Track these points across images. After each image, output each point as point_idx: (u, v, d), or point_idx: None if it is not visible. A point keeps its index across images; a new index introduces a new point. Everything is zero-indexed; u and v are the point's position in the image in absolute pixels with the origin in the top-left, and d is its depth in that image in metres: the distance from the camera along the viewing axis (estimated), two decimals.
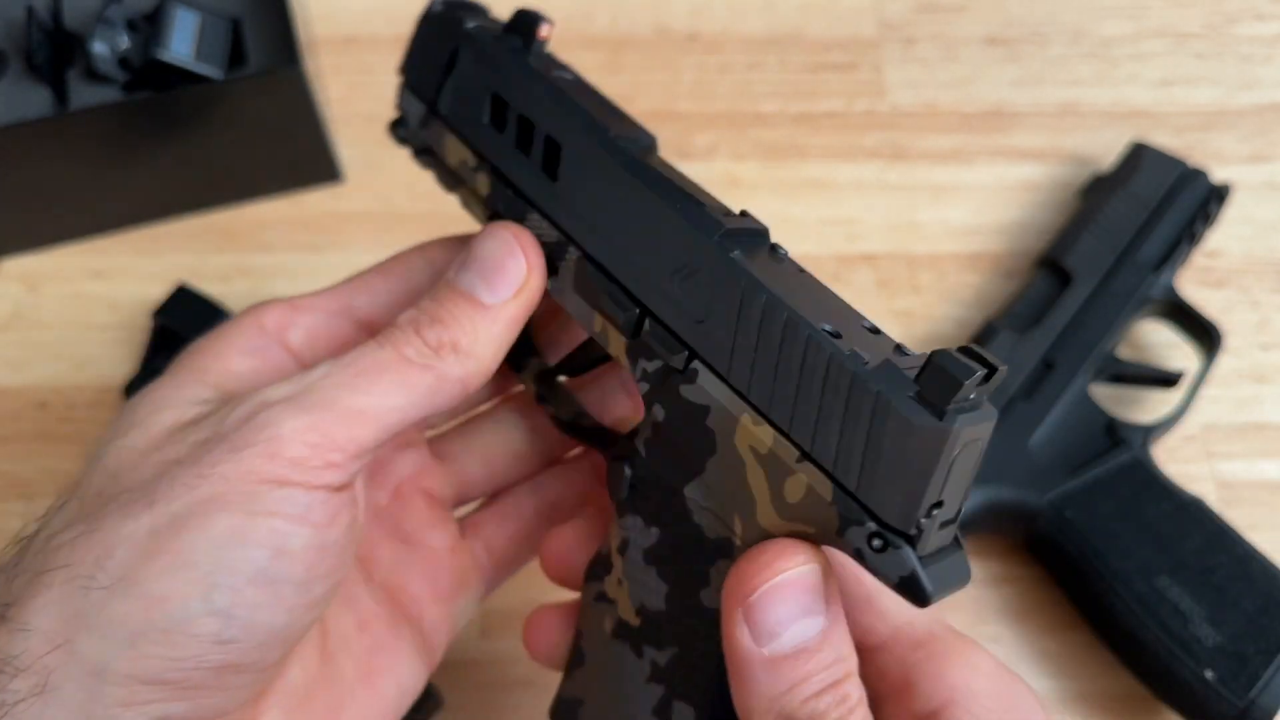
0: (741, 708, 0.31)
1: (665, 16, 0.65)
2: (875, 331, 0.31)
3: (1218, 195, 0.56)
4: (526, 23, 0.36)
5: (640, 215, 0.33)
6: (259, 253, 0.58)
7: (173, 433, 0.32)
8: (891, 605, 0.34)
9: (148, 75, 0.53)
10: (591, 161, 0.34)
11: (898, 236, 0.59)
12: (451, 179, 0.38)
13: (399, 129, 0.39)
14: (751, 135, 0.62)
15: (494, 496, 0.42)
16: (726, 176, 0.60)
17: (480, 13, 0.38)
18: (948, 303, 0.57)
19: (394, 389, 0.32)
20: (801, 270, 0.33)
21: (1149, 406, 0.54)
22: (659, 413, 0.33)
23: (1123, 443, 0.50)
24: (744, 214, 0.33)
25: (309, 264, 0.57)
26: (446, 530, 0.40)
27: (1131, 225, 0.55)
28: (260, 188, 0.59)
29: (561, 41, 0.64)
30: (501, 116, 0.36)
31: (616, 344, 0.34)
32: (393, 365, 0.32)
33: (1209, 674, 0.44)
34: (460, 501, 0.41)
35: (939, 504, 0.28)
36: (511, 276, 0.34)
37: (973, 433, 0.28)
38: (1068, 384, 0.51)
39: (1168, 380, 0.53)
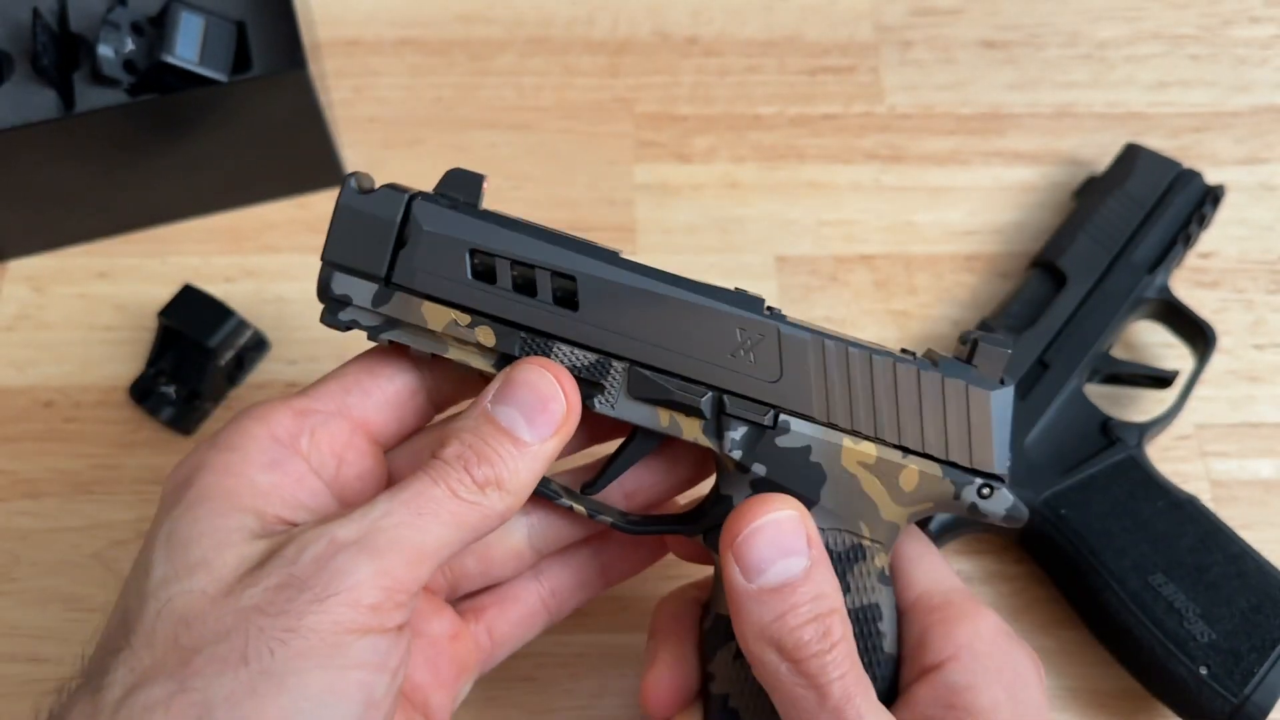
0: (738, 637, 0.35)
1: (665, 20, 0.66)
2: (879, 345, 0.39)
3: (1213, 196, 0.56)
4: (467, 181, 0.38)
5: (681, 314, 0.37)
6: (264, 254, 0.58)
7: (241, 576, 0.32)
8: (916, 576, 0.39)
9: (153, 78, 0.53)
10: (611, 283, 0.37)
11: (895, 238, 0.59)
12: (435, 343, 0.38)
13: (338, 316, 0.38)
14: (750, 138, 0.62)
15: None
16: (725, 179, 0.61)
17: (397, 185, 0.38)
18: (944, 303, 0.58)
19: (450, 527, 0.34)
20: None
21: (1144, 406, 0.55)
22: (760, 469, 0.38)
23: (1118, 442, 0.50)
24: (739, 290, 0.38)
25: (313, 265, 0.57)
26: (444, 618, 0.40)
27: (1127, 226, 0.55)
28: (265, 191, 0.59)
29: (562, 45, 0.65)
30: (488, 268, 0.37)
31: (691, 429, 0.38)
32: (448, 504, 0.34)
33: (1204, 670, 0.45)
34: (454, 593, 0.42)
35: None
36: (552, 416, 0.36)
37: None
38: (1063, 384, 0.51)
39: (1162, 380, 0.53)
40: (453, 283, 0.37)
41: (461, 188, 0.38)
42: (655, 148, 0.62)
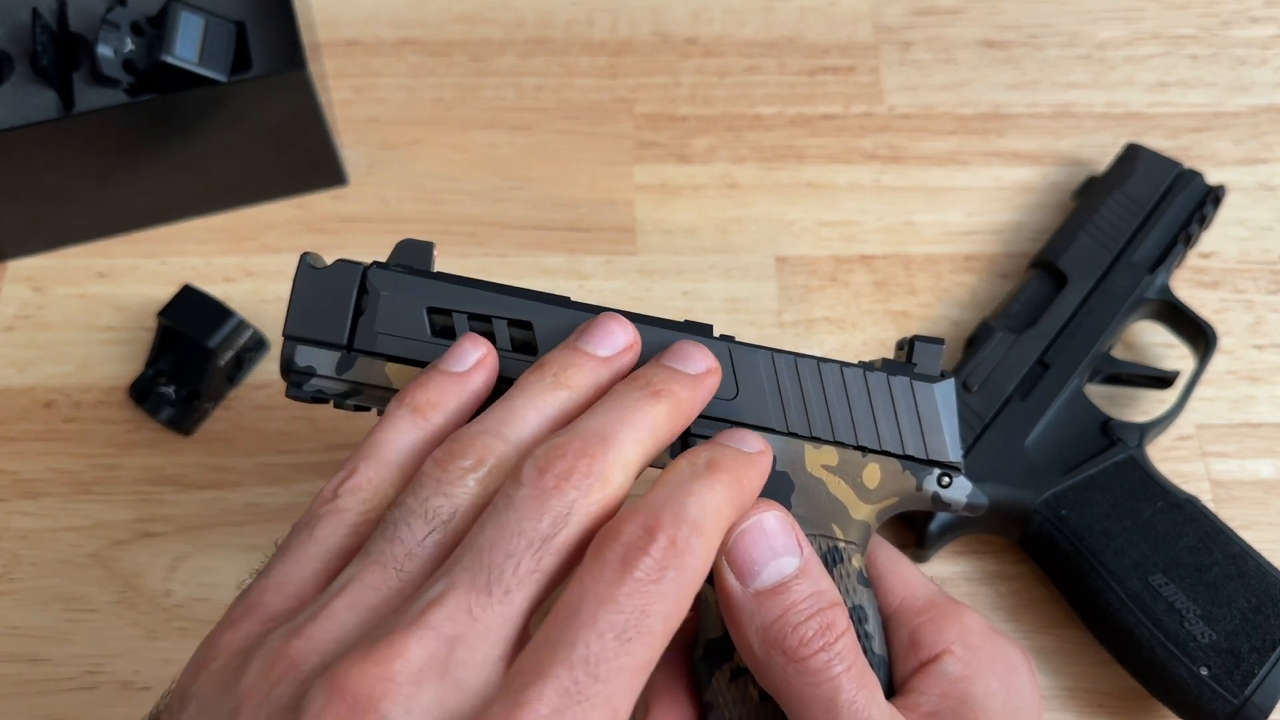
0: (740, 646, 0.35)
1: (665, 21, 0.66)
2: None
3: (1213, 197, 0.56)
4: (418, 249, 0.40)
5: None
6: (264, 254, 0.58)
7: None
8: (895, 584, 0.40)
9: (152, 78, 0.53)
10: (567, 324, 0.39)
11: (894, 238, 0.59)
12: None
13: (303, 388, 0.39)
14: (750, 138, 0.62)
15: None
16: (725, 179, 0.61)
17: (349, 259, 0.40)
18: (943, 303, 0.58)
19: None
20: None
21: (1144, 406, 0.55)
22: None
23: (1118, 442, 0.50)
24: (688, 320, 0.40)
25: None
26: None
27: (1127, 226, 0.55)
28: (265, 191, 0.59)
29: (562, 46, 0.65)
30: (446, 325, 0.39)
31: (659, 455, 0.38)
32: None
33: (1204, 671, 0.45)
34: None
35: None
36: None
37: None
38: (1063, 384, 0.51)
39: (1163, 380, 0.53)
40: (414, 342, 0.39)
41: (413, 256, 0.40)
42: (655, 148, 0.62)
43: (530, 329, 0.39)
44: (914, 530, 0.50)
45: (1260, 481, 0.53)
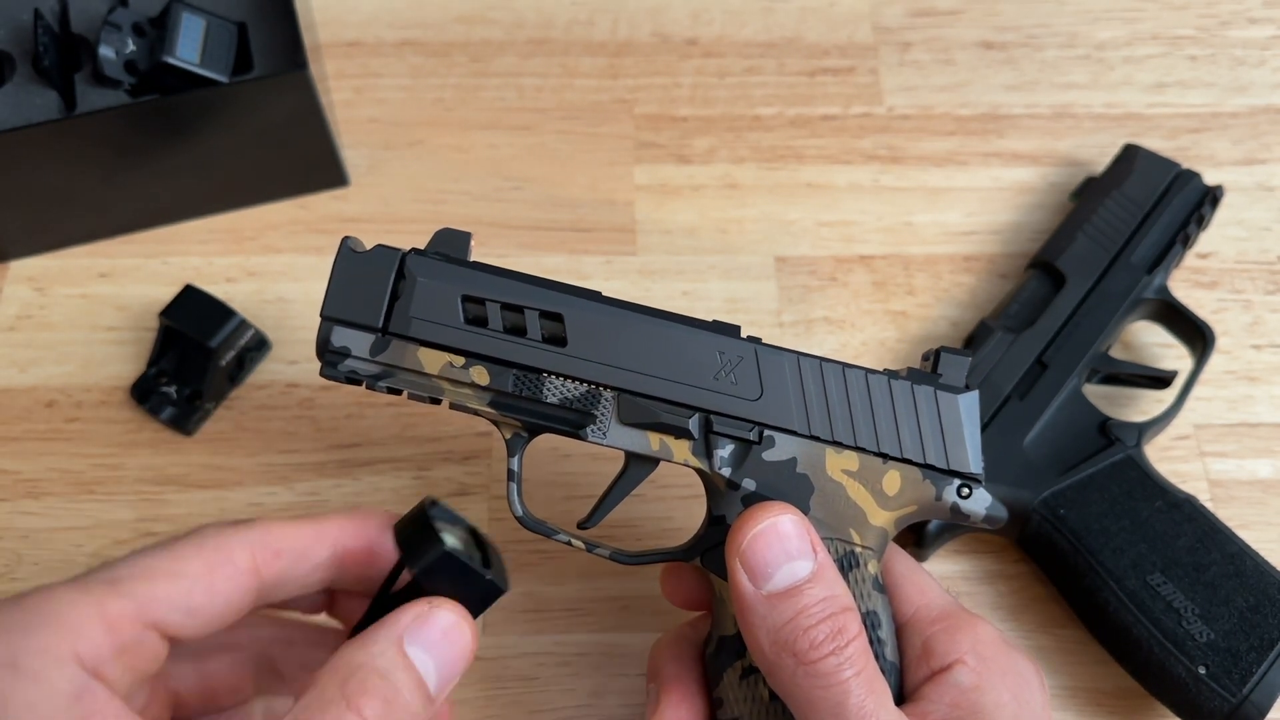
0: (751, 647, 0.36)
1: (665, 22, 0.66)
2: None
3: (1211, 197, 0.56)
4: (455, 238, 0.41)
5: (664, 343, 0.40)
6: (265, 254, 0.58)
7: None
8: (909, 593, 0.40)
9: (154, 79, 0.53)
10: (597, 319, 0.39)
11: (894, 239, 0.60)
12: (430, 386, 0.40)
13: (338, 368, 0.40)
14: (750, 139, 0.62)
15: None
16: (725, 179, 0.61)
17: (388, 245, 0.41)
18: (943, 303, 0.58)
19: None
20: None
21: (1142, 406, 0.55)
22: (750, 484, 0.39)
23: (1116, 442, 0.50)
24: (715, 320, 0.41)
25: (314, 266, 0.58)
26: None
27: (1125, 227, 0.55)
28: (266, 192, 0.59)
29: (562, 47, 0.65)
30: (479, 313, 0.40)
31: (681, 450, 0.40)
32: None
33: (1202, 670, 0.45)
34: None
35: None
36: (457, 674, 0.35)
37: None
38: (1062, 384, 0.51)
39: (1161, 380, 0.53)
40: (447, 328, 0.39)
41: (450, 244, 0.40)
42: (655, 149, 0.62)
43: (561, 321, 0.40)
44: (913, 530, 0.50)
45: (1258, 481, 0.53)
